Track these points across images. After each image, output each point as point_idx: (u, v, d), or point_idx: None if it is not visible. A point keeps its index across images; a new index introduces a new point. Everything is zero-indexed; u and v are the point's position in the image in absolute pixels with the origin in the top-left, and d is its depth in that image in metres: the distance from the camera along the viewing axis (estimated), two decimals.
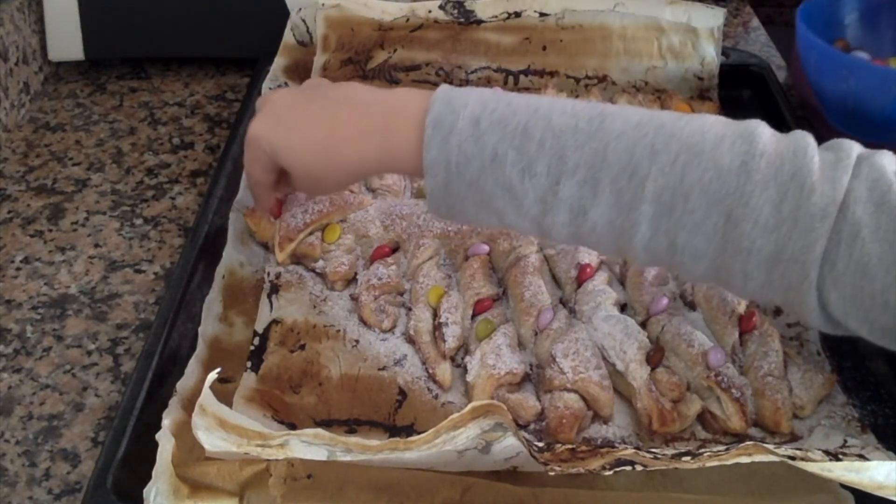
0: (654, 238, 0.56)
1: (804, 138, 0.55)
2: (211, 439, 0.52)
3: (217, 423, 0.52)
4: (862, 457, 0.58)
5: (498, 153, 0.58)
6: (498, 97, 0.60)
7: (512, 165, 0.57)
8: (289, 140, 0.65)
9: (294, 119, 0.65)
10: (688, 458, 0.53)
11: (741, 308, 0.69)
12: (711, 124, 0.56)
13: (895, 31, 1.01)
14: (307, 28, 1.00)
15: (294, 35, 1.00)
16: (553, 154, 0.57)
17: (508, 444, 0.53)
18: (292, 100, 0.67)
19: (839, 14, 1.01)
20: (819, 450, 0.57)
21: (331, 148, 0.64)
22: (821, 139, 0.56)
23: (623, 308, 0.72)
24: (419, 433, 0.52)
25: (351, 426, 0.64)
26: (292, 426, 0.62)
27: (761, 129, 0.55)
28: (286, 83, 0.95)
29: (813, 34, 0.91)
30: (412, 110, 0.61)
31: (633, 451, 0.53)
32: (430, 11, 0.99)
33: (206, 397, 0.52)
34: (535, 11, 0.99)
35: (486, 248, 0.76)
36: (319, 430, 0.52)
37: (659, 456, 0.53)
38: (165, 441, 0.54)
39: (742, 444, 0.53)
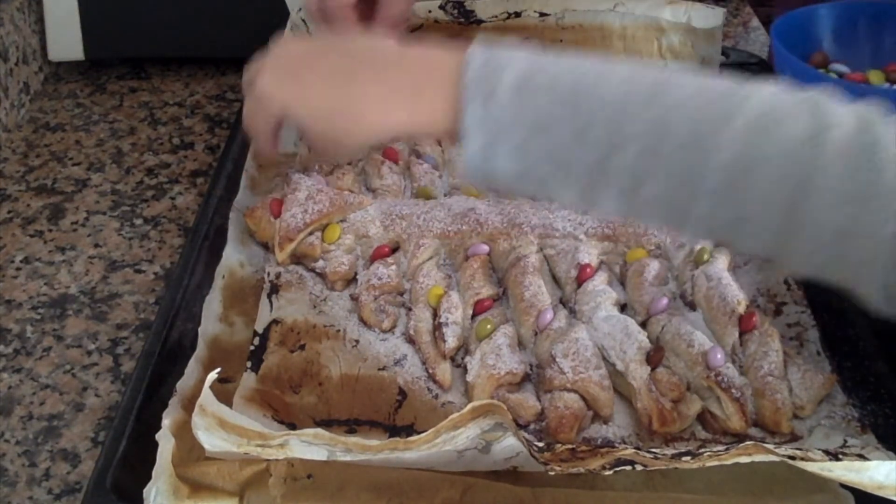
0: (714, 211, 0.53)
1: (877, 109, 0.52)
2: (211, 439, 0.52)
3: (217, 423, 0.52)
4: (862, 457, 0.58)
5: (545, 119, 0.54)
6: (540, 57, 0.56)
7: (561, 132, 0.53)
8: (305, 95, 0.60)
9: (309, 73, 0.60)
10: (688, 458, 0.53)
11: (741, 308, 0.69)
12: (780, 94, 0.53)
13: (873, 44, 0.99)
14: (307, 28, 1.00)
15: (294, 35, 1.00)
16: (608, 121, 0.53)
17: (508, 444, 0.53)
18: (306, 50, 0.63)
19: (816, 27, 1.00)
20: (819, 450, 0.56)
21: (351, 115, 0.59)
22: None
23: (623, 308, 0.72)
24: (419, 433, 0.52)
25: (351, 426, 0.64)
26: (292, 426, 0.62)
27: (834, 100, 0.52)
28: None
29: (787, 48, 0.90)
30: (444, 70, 0.56)
31: (633, 451, 0.53)
32: (430, 11, 0.99)
33: (206, 397, 0.52)
34: (535, 11, 0.99)
35: (486, 248, 0.76)
36: (319, 430, 0.52)
37: (659, 456, 0.53)
38: (165, 441, 0.54)
39: (742, 444, 0.53)
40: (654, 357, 0.66)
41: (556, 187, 0.56)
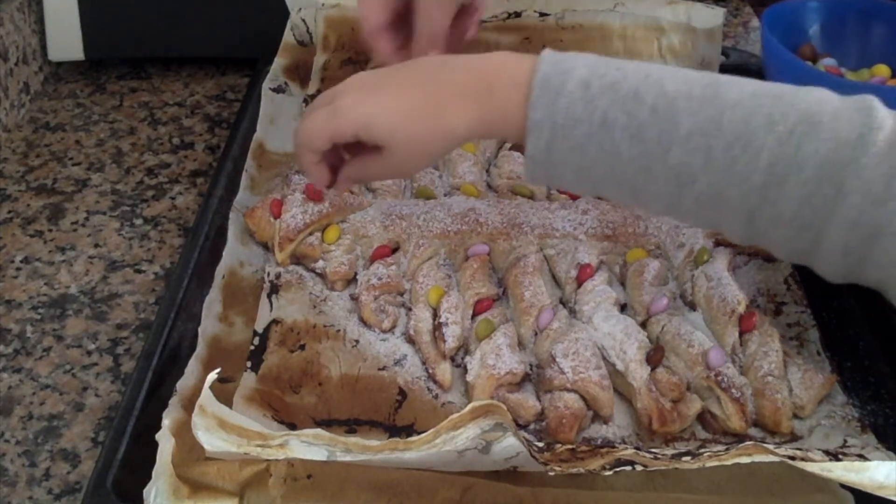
0: (760, 209, 0.55)
1: None
2: (211, 439, 0.52)
3: (217, 423, 0.52)
4: (862, 457, 0.58)
5: (608, 117, 0.56)
6: (606, 61, 0.59)
7: (622, 130, 0.56)
8: (388, 107, 0.61)
9: (388, 89, 0.62)
10: (688, 458, 0.53)
11: (741, 308, 0.69)
12: (828, 96, 0.55)
13: (861, 42, 1.00)
14: (307, 28, 1.00)
15: (294, 35, 1.00)
16: (665, 120, 0.56)
17: (508, 444, 0.53)
18: (378, 76, 0.64)
19: (804, 20, 1.00)
20: (819, 450, 0.57)
21: (434, 110, 0.61)
22: None
23: (623, 308, 0.72)
24: (419, 433, 0.52)
25: (351, 426, 0.64)
26: (292, 426, 0.62)
27: (878, 104, 0.55)
28: (286, 83, 0.96)
29: (777, 39, 0.91)
30: (514, 72, 0.59)
31: (633, 451, 0.53)
32: None
33: (206, 397, 0.52)
34: (535, 11, 0.99)
35: (486, 248, 0.76)
36: (319, 431, 0.52)
37: (659, 456, 0.53)
38: (165, 441, 0.54)
39: (742, 444, 0.53)
40: (654, 357, 0.66)
41: (611, 187, 0.59)
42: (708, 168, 0.55)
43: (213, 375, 0.53)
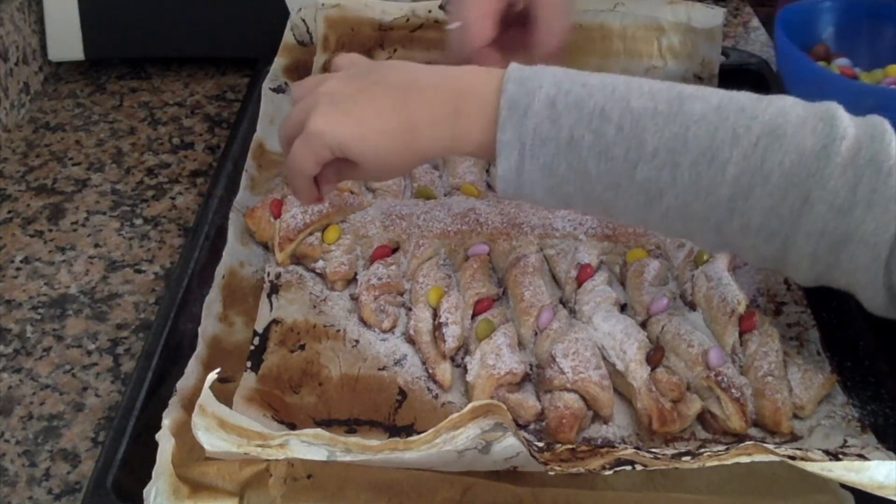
0: (727, 220, 0.56)
1: (882, 123, 0.55)
2: (211, 439, 0.52)
3: (217, 423, 0.52)
4: (862, 457, 0.58)
5: (574, 136, 0.57)
6: (572, 77, 0.59)
7: (588, 149, 0.57)
8: (361, 131, 0.62)
9: (361, 109, 0.62)
10: (688, 458, 0.53)
11: (741, 308, 0.69)
12: (791, 106, 0.56)
13: (875, 42, 1.00)
14: (307, 28, 1.00)
15: (294, 35, 1.00)
16: (631, 138, 0.56)
17: (508, 444, 0.52)
18: (351, 88, 0.64)
19: (818, 20, 1.01)
20: (819, 450, 0.56)
21: (407, 135, 0.62)
22: None
23: (623, 308, 0.72)
24: (419, 433, 0.52)
25: (351, 426, 0.64)
26: (292, 426, 0.62)
27: (840, 113, 0.55)
28: (286, 83, 0.95)
29: (790, 40, 0.91)
30: (482, 91, 0.60)
31: (633, 451, 0.53)
32: (430, 11, 0.99)
33: (206, 397, 0.52)
34: None
35: (486, 248, 0.76)
36: (319, 430, 0.52)
37: (659, 456, 0.53)
38: (165, 441, 0.54)
39: (742, 444, 0.53)
40: (654, 357, 0.66)
41: (581, 201, 0.60)
42: (675, 183, 0.56)
43: (213, 375, 0.53)
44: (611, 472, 0.52)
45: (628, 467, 0.52)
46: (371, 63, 0.69)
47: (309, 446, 0.52)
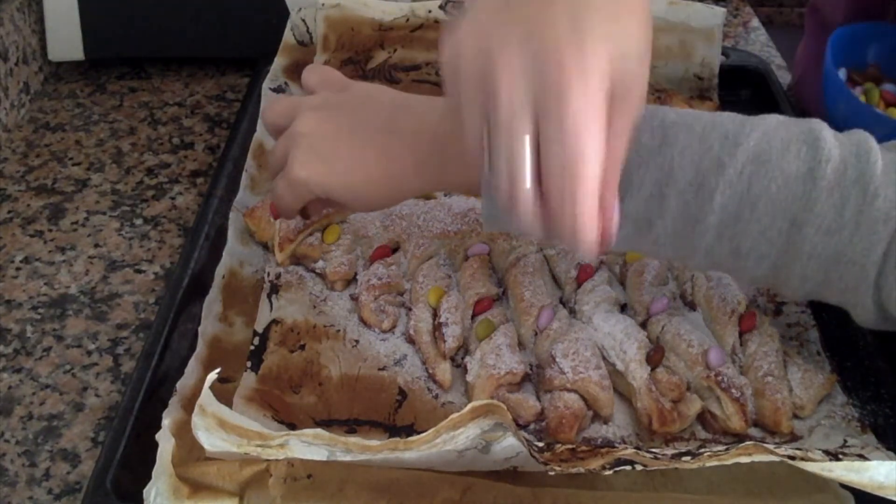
0: (717, 245, 0.57)
1: (867, 141, 0.56)
2: (211, 439, 0.52)
3: (217, 424, 0.52)
4: (862, 457, 0.58)
5: None
6: None
7: None
8: (345, 181, 0.63)
9: (342, 160, 0.63)
10: (688, 458, 0.53)
11: (741, 308, 0.69)
12: (775, 129, 0.56)
13: None
14: (307, 28, 1.00)
15: (294, 35, 1.00)
16: None
17: (508, 444, 0.53)
18: (328, 129, 0.64)
19: (873, 43, 0.95)
20: (819, 450, 0.57)
21: (393, 182, 0.63)
22: None
23: (623, 308, 0.72)
24: (419, 433, 0.52)
25: (351, 426, 0.64)
26: (292, 426, 0.62)
27: (825, 133, 0.56)
28: (286, 83, 0.95)
29: (843, 58, 0.88)
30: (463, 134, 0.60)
31: (633, 451, 0.53)
32: (430, 11, 0.99)
33: (206, 397, 0.52)
34: None
35: (486, 248, 0.76)
36: (319, 431, 0.52)
37: (659, 456, 0.53)
38: (165, 441, 0.54)
39: (742, 444, 0.53)
40: (654, 357, 0.66)
41: None
42: (663, 214, 0.57)
43: (213, 375, 0.53)
44: (611, 472, 0.52)
45: (628, 467, 0.52)
46: (344, 83, 0.68)
47: (309, 446, 0.52)
